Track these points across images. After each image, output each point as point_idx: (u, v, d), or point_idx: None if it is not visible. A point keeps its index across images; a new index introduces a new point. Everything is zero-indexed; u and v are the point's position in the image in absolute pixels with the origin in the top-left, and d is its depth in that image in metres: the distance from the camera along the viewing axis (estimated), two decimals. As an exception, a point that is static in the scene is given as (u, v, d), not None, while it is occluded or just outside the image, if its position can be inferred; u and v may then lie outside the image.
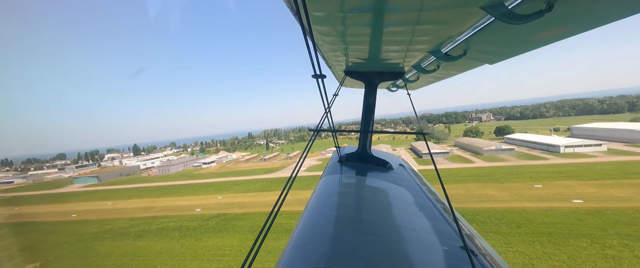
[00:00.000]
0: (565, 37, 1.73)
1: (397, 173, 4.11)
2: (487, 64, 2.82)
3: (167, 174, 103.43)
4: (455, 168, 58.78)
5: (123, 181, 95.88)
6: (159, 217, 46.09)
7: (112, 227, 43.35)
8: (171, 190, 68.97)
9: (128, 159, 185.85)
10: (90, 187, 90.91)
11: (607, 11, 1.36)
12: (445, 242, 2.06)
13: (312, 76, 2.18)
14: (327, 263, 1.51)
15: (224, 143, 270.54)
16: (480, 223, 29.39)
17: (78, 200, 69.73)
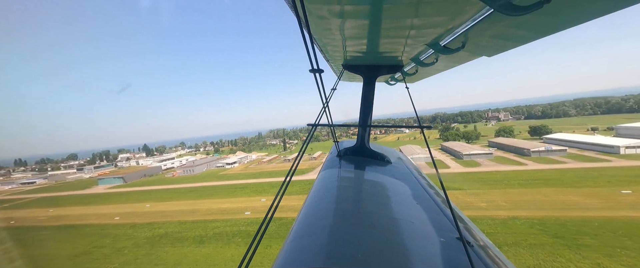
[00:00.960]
0: (565, 28, 1.69)
1: (395, 167, 4.12)
2: (486, 56, 2.79)
3: (192, 175, 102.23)
4: (510, 170, 55.97)
5: (149, 182, 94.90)
6: (209, 221, 44.32)
7: (165, 231, 41.69)
8: (207, 192, 67.40)
9: (143, 160, 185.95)
10: (118, 188, 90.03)
11: (607, 1, 1.34)
12: (442, 233, 2.07)
13: (310, 71, 2.15)
14: (326, 259, 1.52)
15: (235, 143, 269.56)
16: (593, 236, 26.60)
17: (113, 202, 68.56)
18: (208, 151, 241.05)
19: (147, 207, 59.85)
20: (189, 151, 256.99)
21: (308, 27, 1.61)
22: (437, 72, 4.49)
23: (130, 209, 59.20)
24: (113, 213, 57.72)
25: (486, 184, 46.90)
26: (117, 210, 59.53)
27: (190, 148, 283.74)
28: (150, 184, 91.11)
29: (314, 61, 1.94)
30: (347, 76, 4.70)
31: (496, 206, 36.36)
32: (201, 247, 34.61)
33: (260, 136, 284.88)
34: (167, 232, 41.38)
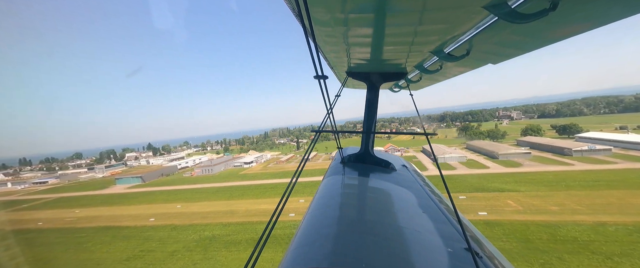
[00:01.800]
0: (569, 36, 1.69)
1: (400, 174, 4.09)
2: (491, 63, 2.77)
3: (211, 174, 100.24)
4: (558, 171, 53.86)
5: (168, 182, 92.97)
6: (255, 223, 42.27)
7: (212, 234, 39.67)
8: (238, 192, 65.38)
9: (153, 159, 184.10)
10: (137, 188, 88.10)
11: (612, 9, 1.33)
12: (449, 243, 2.03)
13: (314, 77, 2.15)
14: (330, 264, 1.52)
15: (242, 142, 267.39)
16: None
17: (140, 202, 66.57)
18: (216, 150, 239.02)
19: (179, 208, 57.87)
20: (196, 151, 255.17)
21: (313, 34, 1.61)
22: (442, 80, 4.45)
23: (162, 210, 57.21)
24: (145, 214, 55.72)
25: (542, 185, 44.81)
26: (148, 211, 57.53)
27: (196, 147, 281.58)
28: (170, 184, 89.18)
29: (318, 68, 1.91)
30: (351, 83, 4.66)
31: (571, 210, 34.28)
32: (262, 253, 32.53)
33: (266, 135, 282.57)
34: (215, 235, 39.35)
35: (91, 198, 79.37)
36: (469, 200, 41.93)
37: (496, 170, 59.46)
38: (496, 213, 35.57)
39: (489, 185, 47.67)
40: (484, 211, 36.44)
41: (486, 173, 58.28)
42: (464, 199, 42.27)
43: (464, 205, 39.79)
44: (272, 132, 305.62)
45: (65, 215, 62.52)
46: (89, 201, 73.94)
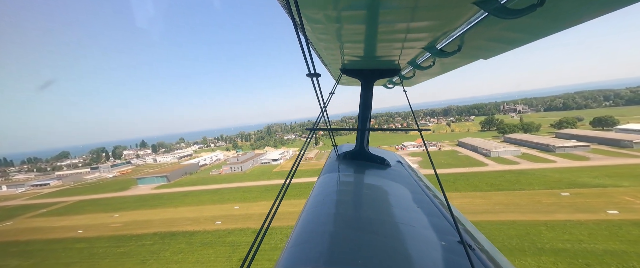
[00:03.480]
0: (557, 31, 1.74)
1: (395, 171, 4.12)
2: (482, 59, 2.83)
3: (242, 172, 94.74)
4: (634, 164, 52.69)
5: (197, 181, 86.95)
6: None
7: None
8: (292, 191, 60.77)
9: (161, 157, 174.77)
10: (167, 188, 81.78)
11: (599, 4, 1.36)
12: (443, 237, 2.08)
13: (307, 75, 2.13)
14: (327, 262, 1.53)
15: (248, 138, 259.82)
16: None
17: (184, 203, 60.93)
18: (221, 147, 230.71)
19: (238, 208, 53.03)
20: (199, 147, 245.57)
21: (304, 30, 1.61)
22: (435, 76, 4.51)
23: (221, 211, 52.18)
24: (203, 216, 50.57)
25: (637, 179, 43.20)
26: (204, 213, 52.33)
27: (197, 144, 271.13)
28: (200, 183, 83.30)
29: (310, 65, 1.89)
30: (345, 80, 4.61)
31: None
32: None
33: (269, 131, 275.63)
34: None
35: (120, 200, 72.64)
36: (574, 196, 39.64)
37: (565, 164, 57.90)
38: (630, 211, 33.25)
39: (582, 180, 45.70)
40: (612, 209, 34.05)
41: (557, 167, 56.58)
42: (567, 196, 39.99)
43: (578, 202, 37.38)
44: (269, 128, 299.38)
45: (105, 220, 56.24)
46: (121, 204, 67.39)
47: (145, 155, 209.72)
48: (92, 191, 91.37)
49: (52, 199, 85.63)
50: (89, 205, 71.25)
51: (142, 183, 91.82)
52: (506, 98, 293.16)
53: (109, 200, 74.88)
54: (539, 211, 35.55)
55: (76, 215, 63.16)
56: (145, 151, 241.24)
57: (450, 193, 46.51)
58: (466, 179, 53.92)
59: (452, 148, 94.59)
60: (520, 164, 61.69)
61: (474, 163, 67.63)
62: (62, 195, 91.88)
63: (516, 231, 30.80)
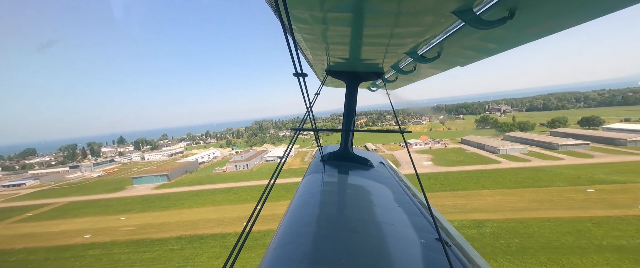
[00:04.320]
0: (526, 42, 1.90)
1: (377, 171, 4.18)
2: (459, 66, 2.96)
3: (248, 171, 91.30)
4: (634, 161, 56.77)
5: (202, 180, 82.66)
6: None
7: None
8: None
9: (150, 154, 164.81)
10: (170, 188, 76.93)
11: (564, 18, 1.50)
12: (422, 235, 2.16)
13: (293, 74, 2.16)
14: (311, 263, 1.55)
15: (239, 135, 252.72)
16: None
17: (198, 204, 57.34)
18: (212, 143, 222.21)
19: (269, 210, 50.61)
20: (187, 144, 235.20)
21: (291, 30, 1.62)
22: (416, 80, 4.69)
23: (246, 212, 49.46)
24: (227, 217, 47.80)
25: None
26: (226, 214, 49.49)
27: (184, 140, 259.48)
28: (205, 182, 79.22)
29: (297, 65, 1.93)
30: (331, 82, 4.72)
31: None
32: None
33: (261, 127, 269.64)
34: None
35: (120, 201, 67.18)
36: (600, 192, 41.74)
37: (573, 162, 61.24)
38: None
39: (598, 177, 48.33)
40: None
41: (567, 164, 59.68)
42: (593, 192, 42.07)
43: (606, 198, 39.30)
44: (261, 124, 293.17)
45: (112, 223, 51.51)
46: (124, 206, 62.28)
47: (128, 152, 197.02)
48: (80, 192, 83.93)
49: (34, 201, 77.57)
50: (85, 207, 65.17)
51: (138, 182, 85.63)
52: (481, 98, 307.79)
53: (107, 201, 69.01)
54: (575, 208, 36.99)
55: (74, 219, 57.48)
56: (126, 148, 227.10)
57: (479, 191, 47.47)
58: (488, 176, 55.32)
59: (456, 145, 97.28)
60: (531, 161, 64.43)
61: (487, 160, 69.74)
62: (45, 196, 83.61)
63: (566, 228, 31.73)
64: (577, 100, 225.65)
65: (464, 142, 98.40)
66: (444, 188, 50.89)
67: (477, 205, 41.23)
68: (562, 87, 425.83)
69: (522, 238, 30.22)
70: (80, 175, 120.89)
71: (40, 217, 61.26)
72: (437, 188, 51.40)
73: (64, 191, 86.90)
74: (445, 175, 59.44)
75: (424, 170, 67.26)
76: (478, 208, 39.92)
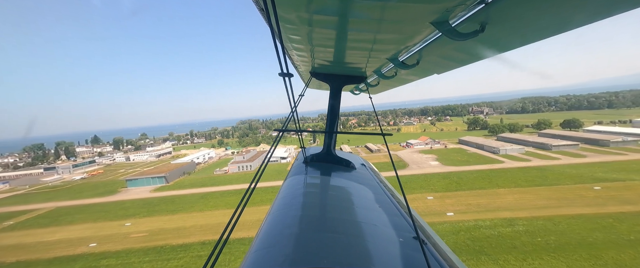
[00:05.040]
0: (496, 54, 2.04)
1: (359, 173, 4.30)
2: (436, 73, 3.13)
3: (252, 171, 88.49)
4: (629, 160, 62.01)
5: (206, 182, 78.99)
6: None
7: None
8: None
9: (135, 155, 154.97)
10: (171, 190, 72.69)
11: (530, 33, 1.63)
12: (401, 233, 2.26)
13: (279, 74, 2.22)
14: (292, 264, 1.58)
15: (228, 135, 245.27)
16: None
17: (213, 208, 54.53)
18: (199, 143, 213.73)
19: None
20: (172, 144, 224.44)
21: (279, 31, 1.67)
22: (397, 85, 4.89)
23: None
24: (251, 220, 45.72)
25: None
26: (248, 217, 47.36)
27: (171, 140, 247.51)
28: (211, 184, 75.78)
29: (283, 65, 1.97)
30: (315, 84, 4.87)
31: None
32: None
33: (250, 127, 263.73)
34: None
35: (118, 205, 62.36)
36: (606, 190, 45.01)
37: (569, 161, 65.77)
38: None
39: (598, 175, 52.21)
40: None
41: (565, 163, 63.97)
42: (601, 190, 45.34)
43: (615, 195, 42.38)
44: (250, 124, 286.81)
45: (117, 229, 47.54)
46: (124, 211, 57.82)
47: (108, 153, 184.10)
48: (66, 196, 76.92)
49: (10, 207, 69.86)
50: (78, 213, 59.71)
51: (133, 185, 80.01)
52: (456, 101, 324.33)
53: (103, 205, 63.74)
54: (591, 205, 39.64)
55: (69, 226, 52.39)
56: (104, 148, 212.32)
57: (496, 190, 49.47)
58: (498, 176, 57.87)
59: (455, 145, 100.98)
60: (531, 161, 68.36)
61: (490, 160, 72.98)
62: (22, 201, 75.65)
63: (591, 224, 33.84)
64: (549, 104, 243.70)
65: (462, 142, 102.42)
66: (462, 187, 52.45)
67: (500, 204, 42.88)
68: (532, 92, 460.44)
69: (557, 236, 31.81)
70: (58, 177, 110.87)
71: (25, 225, 55.19)
72: (455, 187, 52.89)
73: (45, 196, 79.21)
74: (457, 175, 61.37)
75: (433, 169, 69.02)
76: (502, 207, 41.51)
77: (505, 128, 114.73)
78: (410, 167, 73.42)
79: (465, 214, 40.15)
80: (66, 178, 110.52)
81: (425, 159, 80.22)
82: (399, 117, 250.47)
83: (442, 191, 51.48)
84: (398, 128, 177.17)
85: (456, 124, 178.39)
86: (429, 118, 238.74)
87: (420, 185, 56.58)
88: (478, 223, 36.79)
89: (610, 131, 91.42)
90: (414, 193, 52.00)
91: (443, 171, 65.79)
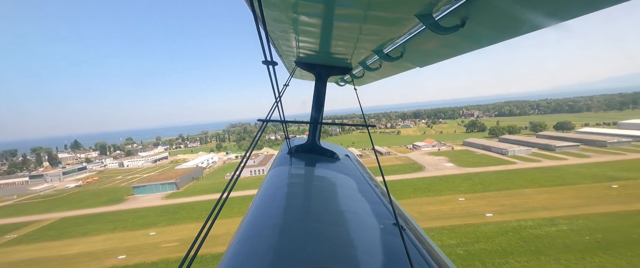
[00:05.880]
0: (477, 48, 2.18)
1: (343, 163, 4.43)
2: (419, 66, 3.25)
3: (264, 175, 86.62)
4: (627, 160, 66.25)
5: (221, 187, 76.44)
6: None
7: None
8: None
9: (129, 160, 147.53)
10: (186, 197, 69.78)
11: (509, 29, 1.72)
12: (382, 221, 2.36)
13: (263, 62, 2.22)
14: (275, 253, 1.60)
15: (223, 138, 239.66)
16: None
17: (242, 214, 52.72)
18: (194, 147, 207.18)
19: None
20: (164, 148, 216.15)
21: (263, 17, 1.70)
22: (381, 78, 4.87)
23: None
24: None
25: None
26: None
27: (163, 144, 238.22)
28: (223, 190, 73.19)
29: (267, 53, 1.99)
30: (300, 74, 4.90)
31: None
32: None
33: (246, 130, 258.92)
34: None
35: (134, 214, 59.07)
36: (624, 188, 47.75)
37: (576, 161, 69.39)
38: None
39: (610, 174, 55.33)
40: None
41: (573, 164, 67.46)
42: (619, 188, 48.11)
43: (636, 193, 44.98)
44: (233, 127, 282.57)
45: (142, 239, 44.92)
46: (143, 219, 54.77)
47: (95, 159, 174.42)
48: (66, 206, 71.87)
49: (6, 219, 64.43)
50: (89, 223, 55.96)
51: (141, 192, 76.03)
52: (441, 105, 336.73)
53: (115, 215, 60.10)
54: (617, 203, 42.00)
55: (85, 237, 48.95)
56: (88, 154, 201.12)
57: (522, 190, 51.31)
58: (518, 176, 60.10)
59: (460, 147, 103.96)
60: (541, 162, 71.56)
61: (501, 161, 75.69)
62: (18, 213, 69.89)
63: (627, 222, 35.80)
64: (531, 108, 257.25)
65: (467, 144, 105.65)
66: (488, 188, 53.97)
67: (533, 204, 44.50)
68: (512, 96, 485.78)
69: (603, 233, 33.38)
70: (48, 185, 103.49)
71: (33, 238, 50.96)
72: (481, 188, 54.34)
73: (42, 206, 73.62)
74: (477, 176, 63.13)
75: (449, 171, 70.63)
76: (536, 207, 43.11)
77: (505, 130, 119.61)
78: (426, 169, 74.69)
79: (503, 215, 41.29)
80: (58, 186, 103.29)
81: (439, 162, 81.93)
82: (392, 120, 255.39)
83: (470, 192, 52.72)
84: (397, 130, 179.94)
85: (451, 127, 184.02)
86: (423, 121, 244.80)
87: (445, 186, 57.70)
88: (521, 223, 37.95)
89: (603, 132, 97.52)
90: (443, 194, 52.94)
91: (461, 173, 67.47)
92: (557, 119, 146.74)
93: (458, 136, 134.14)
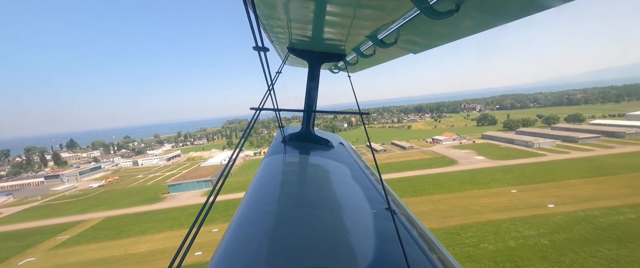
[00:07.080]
0: (470, 34, 2.22)
1: (337, 151, 4.45)
2: (412, 53, 3.27)
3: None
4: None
5: (253, 184, 76.52)
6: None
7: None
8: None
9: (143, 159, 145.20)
10: (223, 195, 69.72)
11: (504, 13, 1.78)
12: (374, 206, 2.45)
13: (254, 48, 2.17)
14: (271, 240, 1.64)
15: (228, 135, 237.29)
16: None
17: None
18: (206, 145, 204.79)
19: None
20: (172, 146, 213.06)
21: (253, 2, 1.69)
22: (375, 64, 4.85)
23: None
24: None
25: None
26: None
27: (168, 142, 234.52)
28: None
29: (258, 38, 1.94)
30: (293, 61, 4.82)
31: None
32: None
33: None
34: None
35: (180, 212, 59.47)
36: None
37: (604, 152, 72.19)
38: None
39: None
40: None
41: (601, 154, 70.25)
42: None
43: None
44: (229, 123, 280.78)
45: (209, 237, 45.04)
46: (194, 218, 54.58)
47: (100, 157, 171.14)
48: (103, 205, 71.07)
49: (45, 221, 63.43)
50: (141, 222, 55.78)
51: (176, 190, 75.80)
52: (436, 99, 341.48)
53: (162, 213, 60.03)
54: (668, 192, 44.61)
55: (144, 236, 48.95)
56: (89, 153, 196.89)
57: (567, 182, 53.52)
58: (558, 167, 62.35)
59: (480, 141, 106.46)
60: (570, 153, 74.31)
61: (530, 154, 78.16)
62: (54, 214, 68.82)
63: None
64: (530, 101, 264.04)
65: (486, 137, 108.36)
66: (533, 180, 56.08)
67: (587, 194, 46.72)
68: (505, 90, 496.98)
69: (673, 220, 35.72)
70: (69, 186, 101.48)
71: (88, 238, 50.60)
72: (527, 180, 56.43)
73: (77, 207, 72.53)
74: (516, 168, 65.24)
75: (484, 164, 72.65)
76: (593, 197, 45.32)
77: (520, 123, 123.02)
78: (459, 163, 76.55)
79: (564, 206, 43.34)
80: (79, 186, 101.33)
81: (468, 155, 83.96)
82: (395, 114, 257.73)
83: (518, 184, 54.71)
84: (408, 125, 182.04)
85: (458, 121, 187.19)
86: (427, 115, 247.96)
87: (490, 179, 59.57)
88: (587, 213, 40.02)
89: (616, 123, 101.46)
90: (492, 187, 54.76)
91: (497, 166, 69.55)
92: (559, 112, 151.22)
93: (472, 130, 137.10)
